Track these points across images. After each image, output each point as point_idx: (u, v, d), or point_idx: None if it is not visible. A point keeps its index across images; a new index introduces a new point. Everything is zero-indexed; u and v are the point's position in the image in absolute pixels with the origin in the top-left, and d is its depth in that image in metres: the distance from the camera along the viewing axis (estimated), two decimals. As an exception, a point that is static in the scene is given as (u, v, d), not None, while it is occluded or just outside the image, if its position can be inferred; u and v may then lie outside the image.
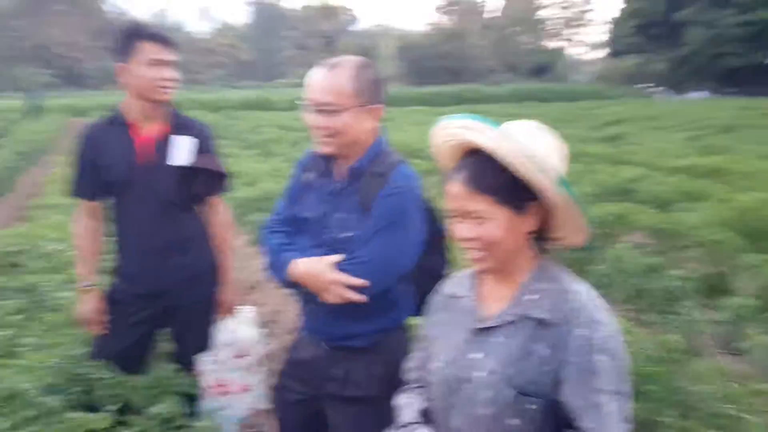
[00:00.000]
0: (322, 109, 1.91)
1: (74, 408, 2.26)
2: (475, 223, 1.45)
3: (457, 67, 64.44)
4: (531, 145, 1.41)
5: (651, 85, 51.04)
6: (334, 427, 2.13)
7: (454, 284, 1.69)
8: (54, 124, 23.68)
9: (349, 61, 1.95)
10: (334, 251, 1.97)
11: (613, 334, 1.40)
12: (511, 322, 1.47)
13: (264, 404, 2.85)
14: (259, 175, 8.77)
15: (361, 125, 1.96)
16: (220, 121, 22.91)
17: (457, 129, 1.50)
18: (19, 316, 3.17)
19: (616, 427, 1.37)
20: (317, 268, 1.94)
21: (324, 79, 1.92)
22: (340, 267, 1.93)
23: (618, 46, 56.51)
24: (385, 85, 2.03)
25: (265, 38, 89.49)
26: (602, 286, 4.51)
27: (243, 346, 2.78)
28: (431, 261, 2.14)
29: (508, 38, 70.83)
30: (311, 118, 1.95)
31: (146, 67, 2.48)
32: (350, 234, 1.98)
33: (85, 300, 2.61)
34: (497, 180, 1.43)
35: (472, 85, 50.33)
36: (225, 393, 2.71)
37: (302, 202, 2.12)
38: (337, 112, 1.91)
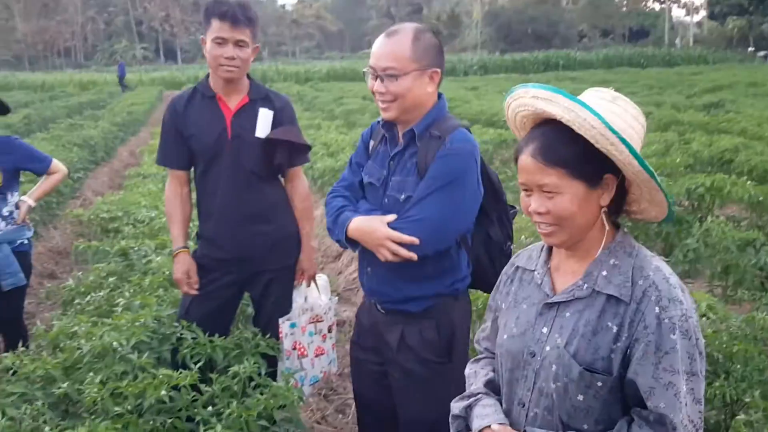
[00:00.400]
0: (383, 74, 1.97)
1: (161, 365, 2.40)
2: (546, 197, 1.40)
3: (546, 33, 62.30)
4: (607, 114, 1.35)
5: (754, 49, 47.60)
6: (396, 394, 2.18)
7: (526, 257, 1.65)
8: (150, 96, 24.79)
9: (408, 27, 2.00)
10: (392, 213, 2.02)
11: (687, 312, 1.34)
12: (581, 298, 1.43)
13: (336, 368, 2.94)
14: (342, 145, 8.87)
15: (420, 89, 2.00)
16: (305, 93, 23.29)
17: (529, 99, 1.45)
18: (113, 278, 3.37)
19: (687, 408, 1.32)
20: (371, 224, 2.00)
21: (384, 46, 1.98)
22: (394, 225, 1.97)
23: (720, 7, 52.88)
24: (443, 51, 2.06)
25: (351, 8, 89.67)
26: (690, 260, 4.31)
27: (318, 312, 2.86)
28: (490, 232, 2.15)
29: (603, 1, 67.52)
30: (374, 85, 2.01)
31: (212, 44, 2.55)
32: (407, 195, 2.02)
33: (177, 262, 2.75)
34: (570, 152, 1.37)
35: (563, 51, 48.62)
36: (301, 356, 2.80)
37: (365, 168, 2.19)
38: (397, 76, 1.95)
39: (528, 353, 1.48)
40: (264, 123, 2.69)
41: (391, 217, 2.01)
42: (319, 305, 2.88)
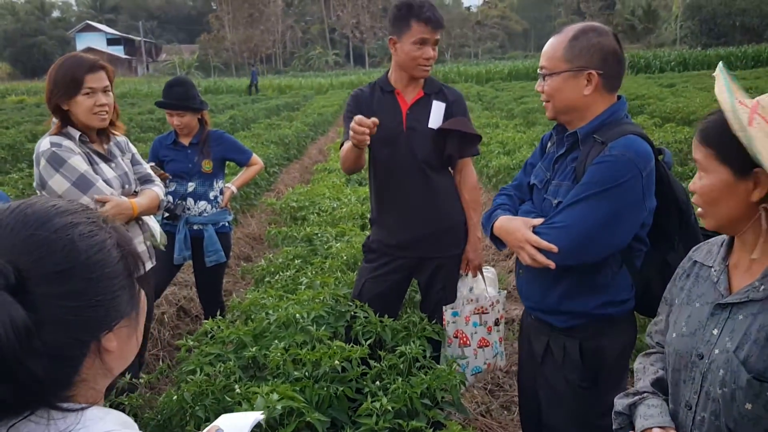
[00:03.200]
0: (540, 72, 1.97)
1: (336, 338, 2.59)
2: (700, 176, 1.42)
3: (756, 25, 56.26)
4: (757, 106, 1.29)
5: None
6: (541, 399, 2.17)
7: (705, 251, 1.58)
8: (339, 99, 26.24)
9: (573, 27, 1.96)
10: (545, 217, 1.96)
11: None
12: (756, 300, 1.34)
13: (504, 362, 2.95)
14: (519, 144, 8.78)
15: (573, 91, 1.91)
16: (484, 93, 23.24)
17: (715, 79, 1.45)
18: (299, 260, 3.67)
19: None
20: (514, 225, 1.97)
21: (547, 44, 1.98)
22: (538, 229, 1.90)
23: None
24: (613, 52, 1.91)
25: (538, 6, 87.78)
26: None
27: (484, 303, 2.90)
28: (668, 258, 1.95)
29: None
30: (538, 84, 2.01)
31: (412, 46, 2.69)
32: (558, 201, 1.95)
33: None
34: (718, 133, 1.35)
35: (775, 44, 43.58)
36: (463, 344, 2.86)
37: (535, 170, 2.16)
38: (549, 75, 1.93)
39: (696, 355, 1.42)
40: (437, 115, 2.80)
41: (538, 220, 1.94)
42: (485, 297, 2.91)
